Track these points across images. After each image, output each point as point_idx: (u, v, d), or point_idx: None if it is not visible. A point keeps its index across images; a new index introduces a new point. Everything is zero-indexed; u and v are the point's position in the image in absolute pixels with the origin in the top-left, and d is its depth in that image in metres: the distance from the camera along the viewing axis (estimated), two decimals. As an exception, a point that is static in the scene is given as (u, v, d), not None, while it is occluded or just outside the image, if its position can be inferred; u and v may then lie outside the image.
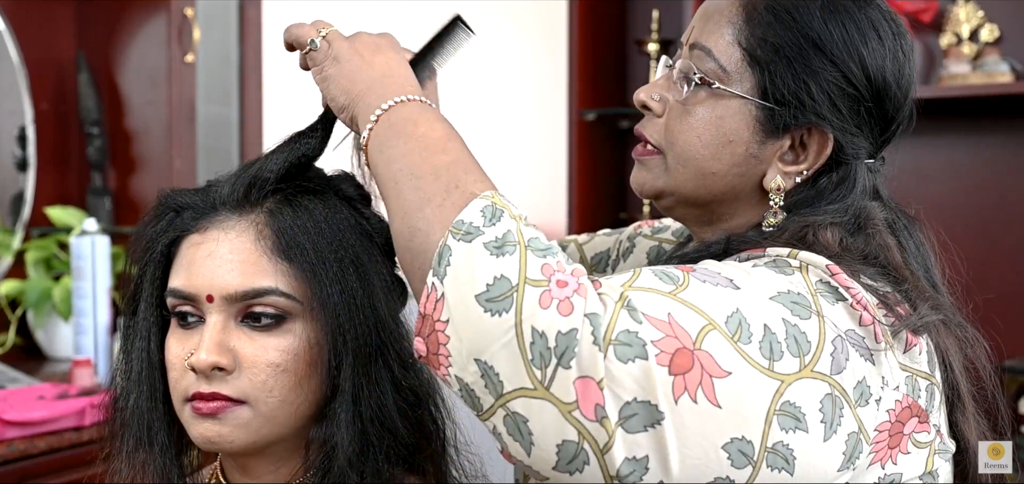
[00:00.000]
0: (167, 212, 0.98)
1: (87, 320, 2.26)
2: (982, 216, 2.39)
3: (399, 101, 0.94)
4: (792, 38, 0.97)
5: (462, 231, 0.82)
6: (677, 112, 1.01)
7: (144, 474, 0.99)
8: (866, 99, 0.98)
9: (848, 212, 0.98)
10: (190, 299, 0.94)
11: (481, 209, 0.83)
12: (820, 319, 0.86)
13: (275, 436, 0.95)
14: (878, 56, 0.98)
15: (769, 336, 0.83)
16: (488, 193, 0.85)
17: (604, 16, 2.91)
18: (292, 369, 0.94)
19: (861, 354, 0.87)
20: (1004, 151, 2.39)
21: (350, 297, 0.94)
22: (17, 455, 1.79)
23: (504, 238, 0.81)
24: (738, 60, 0.98)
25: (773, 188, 0.99)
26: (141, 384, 0.98)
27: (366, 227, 1.01)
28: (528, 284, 0.79)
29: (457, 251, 0.81)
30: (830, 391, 0.84)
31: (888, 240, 0.98)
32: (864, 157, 1.00)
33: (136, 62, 2.57)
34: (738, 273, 0.88)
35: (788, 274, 0.89)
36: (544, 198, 3.08)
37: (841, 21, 0.97)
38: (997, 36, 2.35)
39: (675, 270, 0.86)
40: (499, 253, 0.80)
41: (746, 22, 0.99)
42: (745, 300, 0.84)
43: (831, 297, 0.88)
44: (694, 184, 1.01)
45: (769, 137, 0.98)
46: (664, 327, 0.79)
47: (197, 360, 0.91)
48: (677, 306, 0.81)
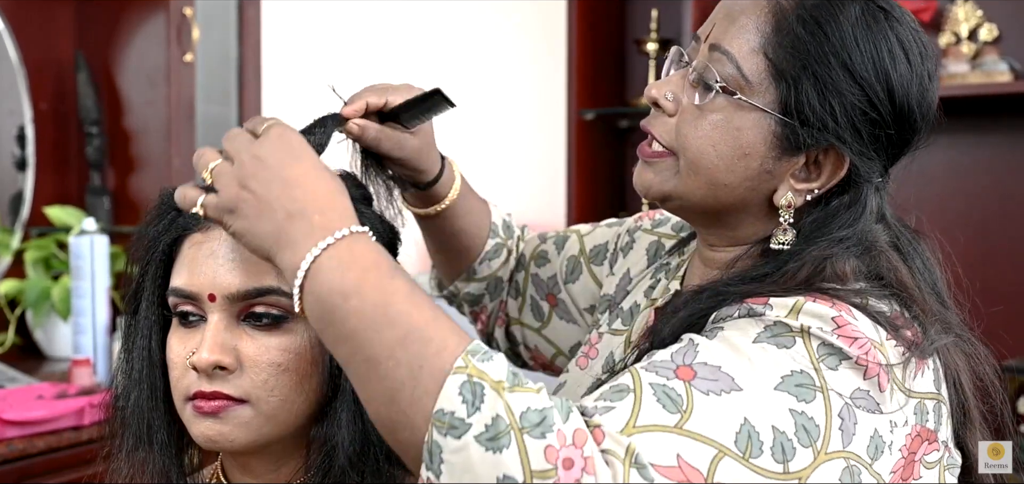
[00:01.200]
0: (169, 211, 0.98)
1: (86, 320, 2.25)
2: (981, 215, 2.39)
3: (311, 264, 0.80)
4: (821, 55, 0.93)
5: (446, 424, 0.74)
6: (691, 115, 0.97)
7: (144, 473, 0.98)
8: (887, 125, 0.95)
9: (859, 240, 0.95)
10: (192, 298, 0.94)
11: (458, 392, 0.75)
12: (825, 395, 0.84)
13: (276, 435, 0.95)
14: (905, 81, 0.95)
15: (779, 437, 0.81)
16: (460, 362, 0.76)
17: (603, 16, 2.91)
18: (293, 368, 0.93)
19: (869, 410, 0.86)
20: (1003, 150, 2.40)
21: None
22: (16, 455, 1.79)
23: (495, 426, 0.74)
24: (762, 71, 0.94)
25: (784, 205, 0.96)
26: (142, 383, 0.98)
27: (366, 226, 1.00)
28: (536, 478, 0.73)
29: (447, 448, 0.74)
30: (846, 464, 0.84)
31: (894, 262, 0.96)
32: (875, 179, 0.97)
33: (135, 62, 2.57)
34: (739, 364, 0.84)
35: (789, 348, 0.86)
36: (543, 198, 3.08)
37: (872, 40, 0.93)
38: (996, 36, 2.35)
39: (676, 384, 0.82)
40: (495, 448, 0.73)
41: (775, 31, 0.94)
42: (750, 404, 0.82)
43: (834, 360, 0.86)
44: (704, 193, 0.98)
45: (786, 154, 0.95)
46: (675, 474, 0.77)
47: (199, 359, 0.91)
48: (684, 442, 0.79)
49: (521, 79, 3.24)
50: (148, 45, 2.54)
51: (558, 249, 1.33)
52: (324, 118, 1.04)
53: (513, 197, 3.20)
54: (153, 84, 2.53)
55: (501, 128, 3.21)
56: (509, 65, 3.25)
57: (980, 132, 2.42)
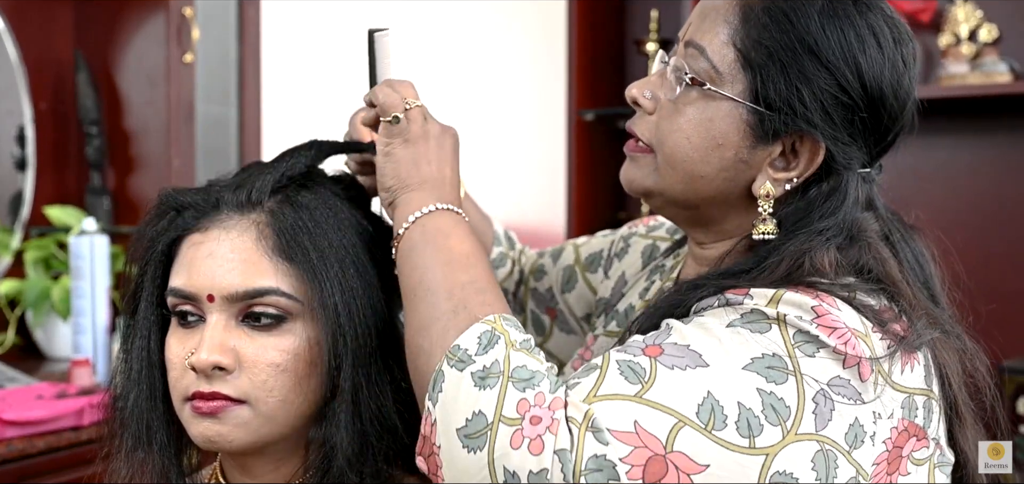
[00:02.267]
0: (168, 211, 0.98)
1: (86, 320, 2.25)
2: (981, 216, 2.39)
3: (437, 208, 0.97)
4: (787, 42, 0.93)
5: (456, 357, 0.84)
6: (668, 111, 0.99)
7: (143, 473, 0.99)
8: (860, 109, 0.95)
9: (842, 228, 0.95)
10: (191, 298, 0.94)
11: (478, 335, 0.85)
12: (797, 378, 0.84)
13: (275, 436, 0.95)
14: (876, 65, 0.95)
15: (744, 413, 0.82)
16: (492, 317, 0.86)
17: (603, 16, 2.91)
18: (292, 369, 0.94)
19: (848, 398, 0.85)
20: (1003, 151, 2.40)
21: (350, 298, 0.95)
22: (16, 455, 1.78)
23: (489, 369, 0.83)
24: (731, 61, 0.95)
25: (762, 195, 0.96)
26: (140, 383, 0.98)
27: (367, 228, 1.01)
28: (502, 422, 0.80)
29: (448, 378, 0.84)
30: (820, 447, 0.83)
31: (883, 252, 0.96)
32: (857, 167, 0.97)
33: (135, 62, 2.57)
34: (708, 343, 0.85)
35: (763, 333, 0.86)
36: (543, 198, 3.08)
37: (839, 26, 0.94)
38: (996, 36, 2.35)
39: (642, 359, 0.84)
40: (482, 386, 0.82)
41: (742, 23, 0.96)
42: (715, 379, 0.83)
43: (811, 347, 0.86)
44: (682, 186, 0.99)
45: (759, 142, 0.95)
46: (632, 439, 0.79)
47: (198, 359, 0.91)
48: (643, 410, 0.81)
49: (521, 79, 3.24)
50: (148, 45, 2.54)
51: (554, 261, 1.35)
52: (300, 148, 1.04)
53: (513, 197, 3.20)
54: (153, 84, 2.53)
55: (501, 128, 3.21)
56: (509, 65, 3.25)
57: (980, 133, 2.42)
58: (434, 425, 0.84)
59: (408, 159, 1.00)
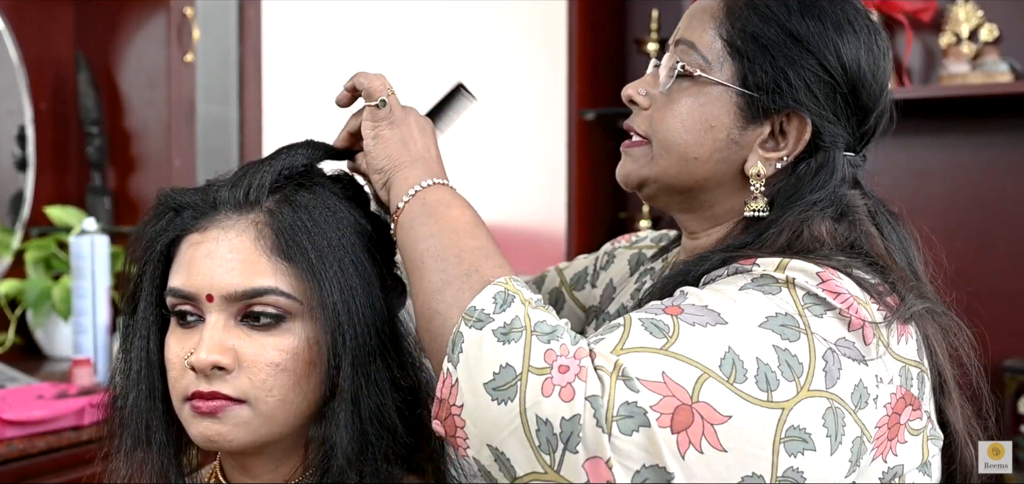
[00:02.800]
0: (167, 211, 0.98)
1: (86, 319, 2.25)
2: (981, 215, 2.39)
3: (433, 183, 0.99)
4: (770, 29, 1.01)
5: (474, 317, 0.86)
6: (661, 102, 1.05)
7: (142, 473, 0.99)
8: (842, 87, 1.01)
9: (833, 201, 1.00)
10: (190, 298, 0.94)
11: (493, 295, 0.87)
12: (809, 336, 0.88)
13: (274, 435, 0.95)
14: (853, 47, 1.01)
15: (763, 368, 0.85)
16: (503, 279, 0.88)
17: (603, 16, 2.91)
18: (291, 368, 0.94)
19: (853, 359, 0.89)
20: (1003, 151, 2.39)
21: (350, 297, 0.94)
22: (16, 454, 1.78)
23: (511, 325, 0.85)
24: (719, 50, 1.02)
25: (753, 174, 1.02)
26: (140, 383, 0.98)
27: (366, 227, 1.01)
28: (531, 372, 0.82)
29: (468, 338, 0.85)
30: (830, 405, 0.86)
31: (870, 229, 1.01)
32: (842, 146, 1.02)
33: (135, 62, 2.57)
34: (724, 303, 0.89)
35: (774, 294, 0.90)
36: (543, 198, 3.08)
37: (817, 16, 1.01)
38: (996, 36, 2.35)
39: (664, 317, 0.87)
40: (505, 340, 0.83)
41: (726, 16, 1.03)
42: (735, 335, 0.86)
43: (819, 309, 0.90)
44: (678, 169, 1.04)
45: (750, 123, 1.02)
46: (660, 388, 0.82)
47: (197, 359, 0.91)
48: (670, 362, 0.83)
49: (521, 79, 3.23)
50: (148, 45, 2.54)
51: (537, 288, 1.36)
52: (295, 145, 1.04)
53: (513, 197, 3.20)
54: (153, 84, 2.53)
55: (501, 128, 3.21)
56: (509, 65, 3.25)
57: (980, 132, 2.42)
58: (455, 385, 0.85)
59: (396, 140, 1.02)
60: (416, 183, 0.99)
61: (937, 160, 2.44)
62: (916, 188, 2.42)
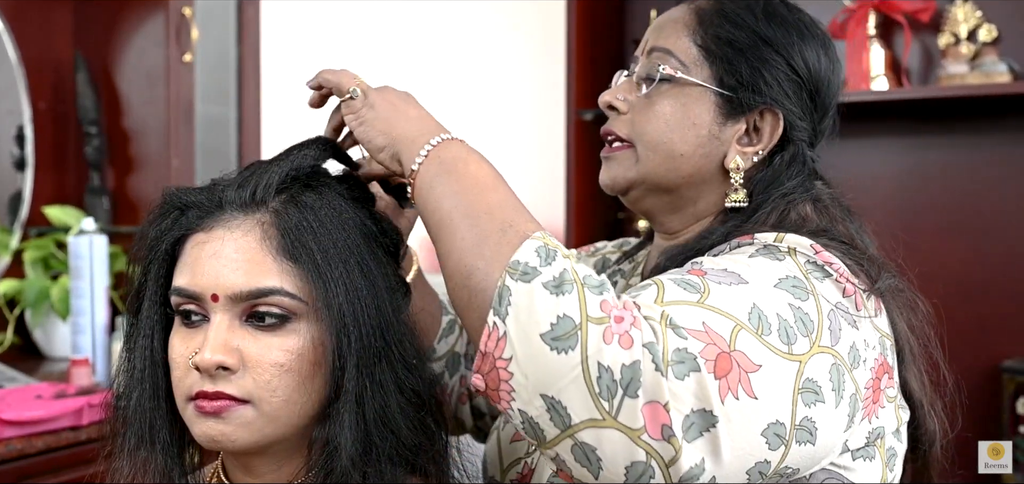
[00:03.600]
0: (172, 210, 0.98)
1: (85, 319, 2.25)
2: (980, 216, 2.38)
3: (445, 139, 0.98)
4: (742, 34, 1.09)
5: (519, 271, 0.86)
6: (642, 106, 1.11)
7: (146, 473, 0.98)
8: (807, 85, 1.10)
9: (806, 189, 1.09)
10: (195, 298, 0.94)
11: (535, 249, 0.87)
12: (815, 297, 0.94)
13: (278, 436, 0.95)
14: (813, 51, 1.11)
15: (783, 323, 0.90)
16: (539, 234, 0.89)
17: (603, 16, 2.91)
18: (296, 369, 0.93)
19: (849, 323, 0.96)
20: (1002, 151, 2.39)
21: (355, 298, 0.94)
22: (14, 454, 1.78)
23: (561, 277, 0.85)
24: (695, 55, 1.10)
25: (733, 168, 1.09)
26: (144, 382, 0.98)
27: (371, 227, 1.00)
28: (590, 322, 0.83)
29: (516, 291, 0.85)
30: (834, 361, 0.93)
31: (836, 214, 1.09)
32: (807, 141, 1.11)
33: (134, 62, 2.57)
34: (741, 266, 0.95)
35: (781, 260, 0.97)
36: (542, 198, 3.07)
37: (781, 23, 1.10)
38: (995, 36, 2.35)
39: (691, 277, 0.92)
40: (558, 292, 0.84)
41: (699, 24, 1.11)
42: (757, 293, 0.92)
43: (819, 274, 0.97)
44: (665, 167, 1.10)
45: (728, 120, 1.09)
46: (703, 336, 0.86)
47: (202, 359, 0.91)
48: (708, 314, 0.88)
49: (520, 79, 3.23)
50: (147, 45, 2.54)
51: None
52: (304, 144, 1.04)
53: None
54: (152, 84, 2.53)
55: (500, 128, 3.21)
56: (508, 65, 3.25)
57: (979, 133, 2.41)
58: (503, 338, 0.85)
59: (384, 114, 1.02)
60: (425, 142, 0.98)
61: (936, 160, 2.44)
62: (915, 188, 2.42)
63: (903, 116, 2.41)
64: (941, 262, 2.34)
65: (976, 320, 2.31)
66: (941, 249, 2.35)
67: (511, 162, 3.28)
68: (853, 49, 2.35)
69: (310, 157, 1.01)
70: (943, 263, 2.34)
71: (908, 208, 2.41)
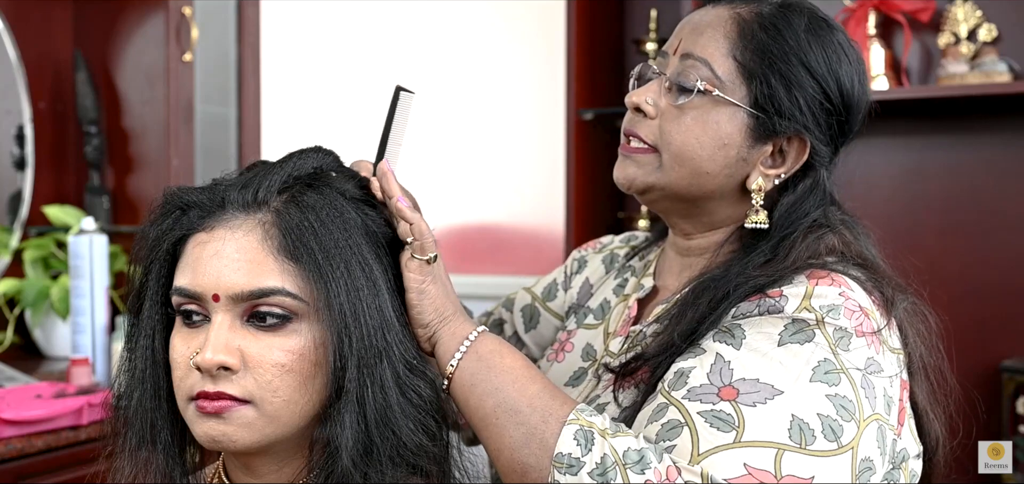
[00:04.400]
0: (173, 210, 0.98)
1: (85, 319, 2.25)
2: (980, 215, 2.38)
3: (479, 333, 1.02)
4: (782, 54, 1.07)
5: (565, 464, 0.91)
6: (672, 115, 1.10)
7: (147, 472, 0.98)
8: (839, 113, 1.10)
9: (827, 217, 1.10)
10: (196, 298, 0.94)
11: (573, 436, 0.92)
12: (848, 376, 0.96)
13: (279, 436, 0.95)
14: (849, 77, 1.10)
15: (826, 421, 0.92)
16: (573, 415, 0.93)
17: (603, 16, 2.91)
18: (297, 369, 0.93)
19: (877, 374, 0.98)
20: (1002, 151, 2.39)
21: (356, 298, 0.94)
22: (14, 454, 1.78)
23: (603, 464, 0.90)
24: (733, 71, 1.08)
25: (755, 189, 1.09)
26: (145, 382, 0.98)
27: (372, 227, 1.00)
28: None
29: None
30: (878, 424, 0.96)
31: (848, 236, 1.10)
32: (827, 164, 1.12)
33: (134, 61, 2.57)
34: (772, 370, 0.95)
35: (812, 340, 0.97)
36: (542, 198, 3.08)
37: (821, 42, 1.09)
38: (995, 36, 2.35)
39: (723, 405, 0.93)
40: (603, 479, 0.89)
41: (739, 37, 1.08)
42: (793, 402, 0.93)
43: (846, 341, 0.98)
44: (688, 182, 1.10)
45: (757, 143, 1.09)
46: (747, 480, 0.88)
47: (203, 359, 0.91)
48: (748, 452, 0.90)
49: (520, 79, 3.23)
50: (147, 44, 2.53)
51: (509, 309, 1.40)
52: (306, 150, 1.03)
53: (512, 197, 3.19)
54: (152, 83, 2.53)
55: (501, 128, 3.21)
56: (509, 65, 3.25)
57: (979, 132, 2.41)
58: None
59: (440, 293, 1.02)
60: (465, 336, 1.01)
61: (935, 160, 2.44)
62: (915, 188, 2.42)
63: (903, 116, 2.41)
64: (941, 262, 2.34)
65: (976, 320, 2.31)
66: (941, 249, 2.35)
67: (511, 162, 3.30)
68: (853, 49, 2.35)
69: (312, 162, 1.01)
70: (943, 263, 2.34)
71: (908, 208, 2.41)
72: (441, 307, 1.02)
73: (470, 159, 3.21)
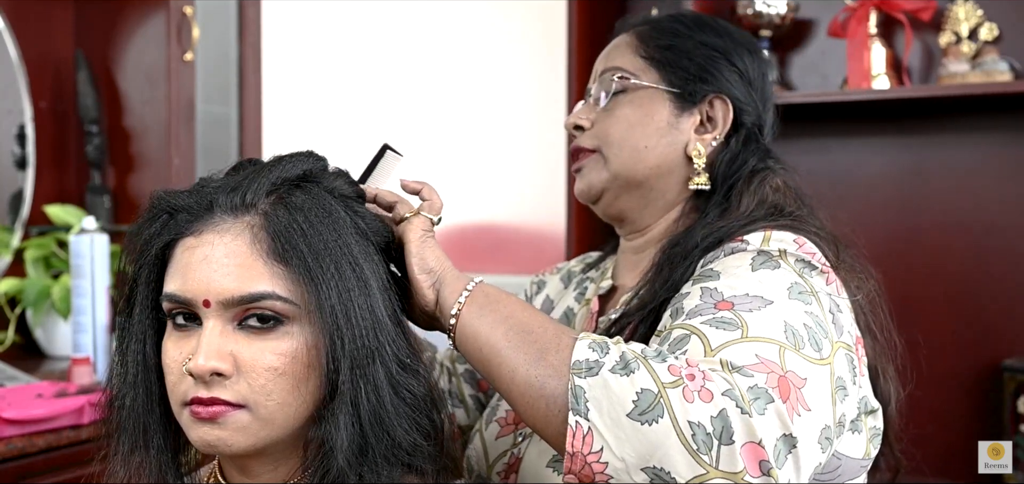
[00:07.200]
0: (160, 214, 0.97)
1: (86, 318, 2.25)
2: (981, 215, 2.38)
3: (479, 281, 1.05)
4: (680, 40, 1.23)
5: (584, 368, 0.91)
6: (603, 117, 1.23)
7: (140, 476, 0.98)
8: (746, 76, 1.23)
9: (768, 165, 1.20)
10: (187, 304, 0.93)
11: (588, 345, 0.93)
12: (817, 299, 1.01)
13: (274, 439, 0.95)
14: (744, 51, 1.24)
15: (810, 332, 0.97)
16: (585, 334, 0.95)
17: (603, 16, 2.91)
18: (290, 372, 0.93)
19: (838, 309, 1.04)
20: (1003, 150, 2.39)
21: (347, 299, 0.94)
22: (15, 453, 1.78)
23: (624, 358, 0.91)
24: (642, 65, 1.23)
25: (695, 154, 1.20)
26: (137, 387, 0.98)
27: (362, 226, 1.00)
28: (667, 388, 0.88)
29: (589, 386, 0.90)
30: (847, 352, 1.01)
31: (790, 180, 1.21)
32: (755, 124, 1.23)
33: (135, 60, 2.57)
34: (755, 284, 1.00)
35: (780, 268, 1.03)
36: (543, 198, 3.08)
37: (713, 31, 1.25)
38: (996, 35, 2.35)
39: (723, 313, 0.97)
40: (627, 372, 0.89)
41: (640, 41, 1.24)
42: (782, 311, 0.97)
43: (809, 270, 1.05)
44: (632, 160, 1.21)
45: (683, 112, 1.21)
46: (763, 368, 0.91)
47: (196, 366, 0.91)
48: (757, 345, 0.93)
49: (521, 80, 3.23)
50: (148, 44, 2.54)
51: None
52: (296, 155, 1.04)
53: (513, 197, 3.19)
54: (153, 83, 2.53)
55: (501, 129, 3.21)
56: (509, 66, 3.25)
57: (980, 132, 2.41)
58: (589, 433, 0.89)
59: (438, 248, 1.08)
60: (467, 282, 1.04)
61: (936, 159, 2.43)
62: (915, 187, 2.42)
63: (904, 115, 2.40)
64: (941, 262, 2.33)
65: (976, 320, 2.31)
66: (941, 249, 2.35)
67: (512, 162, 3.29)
68: (854, 48, 2.34)
69: (301, 166, 1.01)
70: (943, 263, 2.34)
71: (908, 207, 2.41)
72: (443, 256, 1.07)
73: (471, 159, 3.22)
